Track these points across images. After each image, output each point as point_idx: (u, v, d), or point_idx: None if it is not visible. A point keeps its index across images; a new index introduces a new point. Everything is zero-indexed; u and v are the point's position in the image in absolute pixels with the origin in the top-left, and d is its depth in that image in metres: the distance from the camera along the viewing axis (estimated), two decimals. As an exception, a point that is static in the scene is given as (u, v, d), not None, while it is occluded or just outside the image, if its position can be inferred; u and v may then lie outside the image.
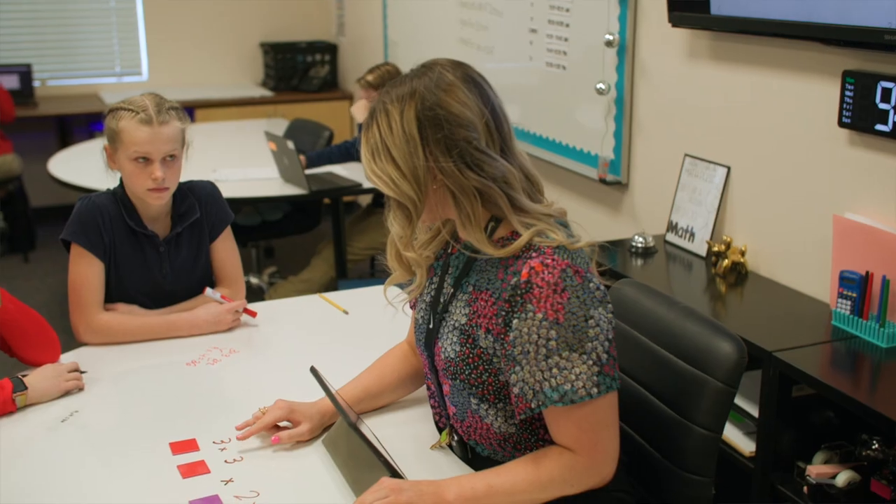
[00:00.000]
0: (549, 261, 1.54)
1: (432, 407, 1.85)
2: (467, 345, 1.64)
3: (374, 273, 4.88)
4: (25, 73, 6.10)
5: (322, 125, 4.93)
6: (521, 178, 1.64)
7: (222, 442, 1.84)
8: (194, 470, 1.74)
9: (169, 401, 2.03)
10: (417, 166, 1.55)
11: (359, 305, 2.57)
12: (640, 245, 2.99)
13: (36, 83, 6.21)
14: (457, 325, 1.66)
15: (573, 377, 1.51)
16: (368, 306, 2.58)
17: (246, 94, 6.32)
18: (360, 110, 4.18)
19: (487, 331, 1.60)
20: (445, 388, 1.71)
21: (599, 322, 1.53)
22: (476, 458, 1.75)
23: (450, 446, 1.80)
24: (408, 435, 1.86)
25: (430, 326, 1.74)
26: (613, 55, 3.30)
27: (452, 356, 1.66)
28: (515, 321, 1.54)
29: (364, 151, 1.61)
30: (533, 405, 1.53)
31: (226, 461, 1.77)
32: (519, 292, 1.54)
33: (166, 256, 2.37)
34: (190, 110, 5.68)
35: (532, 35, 3.85)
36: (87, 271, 2.29)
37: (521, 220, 1.61)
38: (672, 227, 3.06)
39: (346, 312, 2.51)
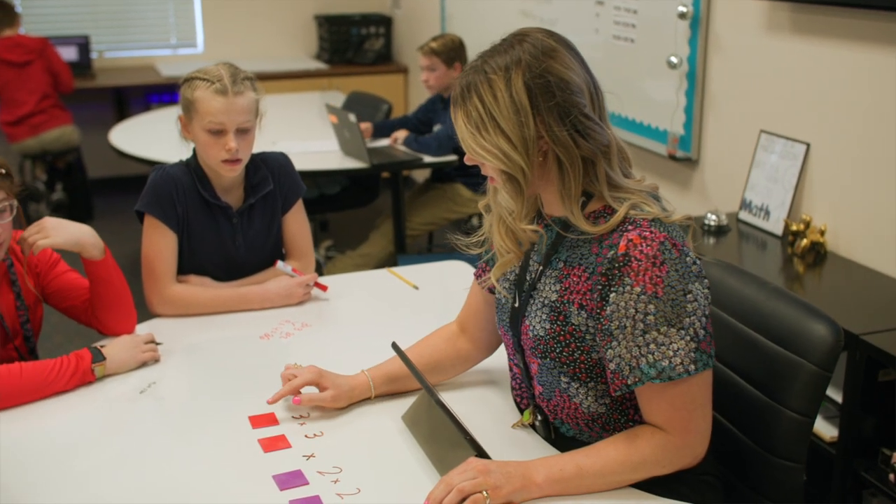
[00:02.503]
0: (646, 233, 1.49)
1: (513, 388, 1.82)
2: (558, 322, 1.60)
3: (431, 248, 4.84)
4: (83, 45, 6.13)
5: (380, 98, 4.89)
6: (617, 149, 1.60)
7: (301, 417, 1.82)
8: (275, 444, 1.72)
9: (245, 374, 2.01)
10: (528, 137, 1.51)
11: (428, 280, 2.53)
12: (713, 223, 2.91)
13: (93, 55, 6.23)
14: (546, 302, 1.62)
15: (671, 353, 1.47)
16: (438, 281, 2.55)
17: (300, 66, 6.30)
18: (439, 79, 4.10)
19: (581, 307, 1.56)
20: (533, 367, 1.67)
21: (697, 297, 1.49)
22: (560, 438, 1.71)
23: (532, 426, 1.76)
24: (486, 413, 1.82)
25: (516, 305, 1.69)
26: (686, 28, 3.21)
27: (542, 334, 1.62)
28: (613, 295, 1.49)
29: (464, 126, 1.56)
30: (629, 381, 1.49)
31: (306, 436, 1.75)
32: (616, 265, 1.49)
33: (239, 228, 2.36)
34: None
35: (598, 7, 3.77)
36: (160, 242, 2.28)
37: (613, 194, 1.57)
38: (746, 204, 2.98)
39: (417, 288, 2.48)
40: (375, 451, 1.71)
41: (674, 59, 3.24)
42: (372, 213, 5.08)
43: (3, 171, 1.94)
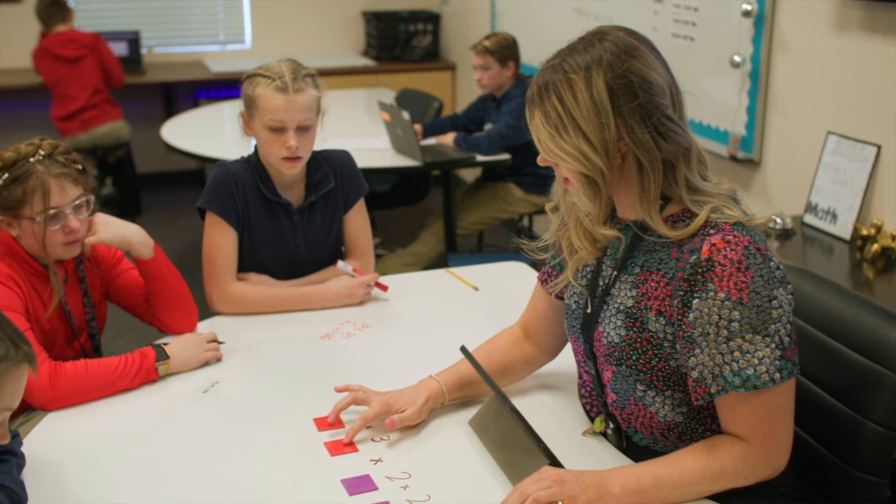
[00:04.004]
0: (730, 237, 1.45)
1: (583, 395, 1.77)
2: (634, 328, 1.55)
3: (481, 248, 4.81)
4: (133, 41, 6.17)
5: (431, 96, 4.86)
6: (696, 152, 1.55)
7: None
8: (342, 448, 1.70)
9: (308, 374, 1.99)
10: (608, 138, 1.47)
11: (487, 281, 2.50)
12: (777, 226, 2.85)
13: (143, 50, 6.27)
14: (622, 308, 1.58)
15: (756, 361, 1.42)
16: (497, 282, 2.51)
17: (347, 63, 6.28)
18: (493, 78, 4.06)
19: (659, 313, 1.52)
20: (607, 374, 1.63)
21: (782, 303, 1.44)
22: (632, 447, 1.67)
23: (603, 434, 1.72)
24: (553, 420, 1.78)
25: (589, 310, 1.65)
26: (750, 26, 3.14)
27: (617, 341, 1.58)
28: (696, 301, 1.45)
29: (542, 126, 1.52)
30: (712, 390, 1.45)
31: (373, 440, 1.72)
32: (700, 270, 1.45)
33: (300, 226, 2.34)
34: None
35: (657, 5, 3.70)
36: (221, 239, 2.26)
37: (692, 198, 1.52)
38: (811, 207, 2.91)
39: (476, 289, 2.45)
40: (444, 456, 1.67)
41: (737, 58, 3.17)
42: (420, 211, 5.05)
43: (80, 166, 1.95)
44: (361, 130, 4.49)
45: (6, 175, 1.89)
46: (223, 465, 1.65)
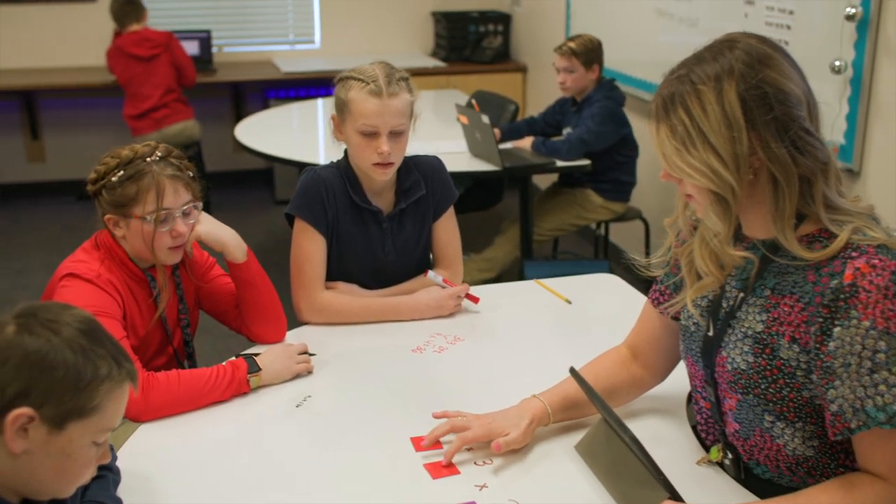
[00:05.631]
0: (875, 261, 1.34)
1: (699, 422, 1.67)
2: (763, 355, 1.45)
3: (556, 255, 4.71)
4: (205, 40, 6.17)
5: (507, 98, 4.77)
6: (835, 167, 1.45)
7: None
8: (443, 470, 1.62)
9: (401, 390, 1.92)
10: (740, 153, 1.37)
11: (580, 294, 2.40)
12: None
13: (213, 49, 6.27)
14: (749, 332, 1.48)
15: None
16: (591, 296, 2.42)
17: (417, 63, 6.21)
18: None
19: (792, 340, 1.41)
20: (730, 402, 1.53)
21: None
22: (752, 479, 1.56)
23: (720, 464, 1.61)
24: (664, 447, 1.68)
25: (710, 333, 1.55)
26: (853, 30, 3.00)
27: (744, 367, 1.48)
28: (837, 329, 1.34)
29: (668, 141, 1.43)
30: (853, 425, 1.34)
31: (475, 463, 1.64)
32: (842, 297, 1.34)
33: (389, 233, 2.27)
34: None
35: (748, 7, 3.57)
36: (310, 247, 2.20)
37: (830, 217, 1.42)
38: (917, 222, 2.76)
39: (569, 302, 2.35)
40: (552, 483, 1.59)
41: (838, 63, 3.04)
42: (493, 216, 4.96)
43: (191, 174, 1.93)
44: (433, 133, 4.41)
45: (121, 172, 1.87)
46: (319, 484, 1.60)
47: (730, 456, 1.59)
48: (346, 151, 2.27)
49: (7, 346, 1.17)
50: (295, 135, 5.00)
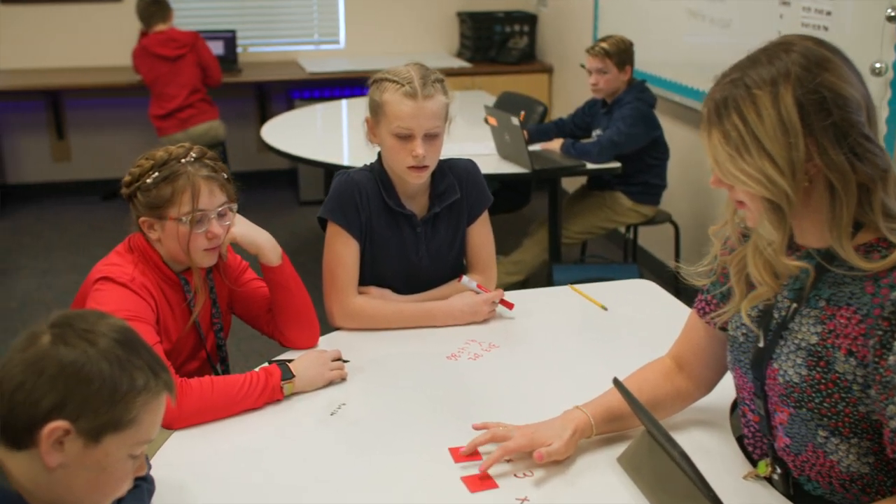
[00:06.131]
0: None
1: (745, 435, 1.62)
2: (817, 368, 1.40)
3: (584, 258, 4.65)
4: (230, 40, 6.16)
5: (535, 100, 4.72)
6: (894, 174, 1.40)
7: (506, 451, 1.67)
8: (481, 483, 1.58)
9: (437, 398, 1.88)
10: (796, 160, 1.32)
11: (616, 300, 2.35)
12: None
13: (238, 49, 6.26)
14: (803, 344, 1.43)
15: None
16: (627, 302, 2.37)
17: (442, 64, 6.18)
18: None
19: (849, 353, 1.36)
20: (781, 416, 1.48)
21: None
22: (802, 495, 1.52)
23: (768, 479, 1.57)
24: (708, 460, 1.62)
25: (761, 345, 1.50)
26: (894, 31, 2.94)
27: (797, 381, 1.43)
28: None
29: (721, 147, 1.38)
30: None
31: (515, 475, 1.60)
32: None
33: (423, 237, 2.23)
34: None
35: (783, 7, 3.51)
36: (343, 251, 2.17)
37: (890, 225, 1.37)
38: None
39: (605, 308, 2.31)
40: (595, 496, 1.55)
41: (878, 66, 2.97)
42: (519, 218, 4.91)
43: (225, 175, 1.90)
44: (460, 134, 4.32)
45: (156, 174, 1.85)
46: (354, 495, 1.56)
47: (779, 471, 1.54)
48: (379, 154, 2.23)
49: (42, 357, 1.14)
50: (319, 135, 4.97)
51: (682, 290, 2.52)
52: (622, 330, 2.21)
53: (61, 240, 5.42)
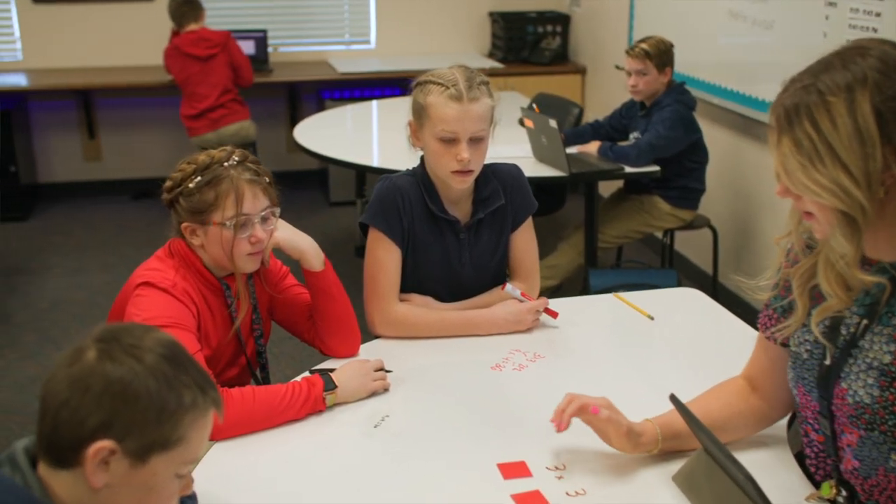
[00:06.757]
0: None
1: (808, 455, 1.56)
2: (891, 389, 1.34)
3: (620, 263, 4.58)
4: (261, 39, 6.13)
5: (570, 101, 4.65)
6: None
7: (556, 469, 1.62)
8: (532, 501, 1.53)
9: (483, 411, 1.83)
10: (872, 170, 1.26)
11: (661, 309, 2.28)
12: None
13: (269, 49, 6.23)
14: (875, 364, 1.36)
15: None
16: (673, 312, 2.30)
17: (474, 65, 6.08)
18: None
19: (925, 375, 1.30)
20: (849, 437, 1.41)
21: None
22: (869, 519, 1.45)
23: (832, 501, 1.50)
24: (768, 479, 1.53)
25: (828, 362, 1.44)
26: (947, 34, 2.86)
27: (868, 402, 1.36)
28: None
29: (792, 156, 1.32)
30: None
31: (567, 493, 1.55)
32: None
33: (466, 244, 2.18)
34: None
35: (829, 8, 3.43)
36: (384, 258, 2.12)
37: None
38: None
39: (652, 318, 2.24)
40: (651, 518, 1.49)
41: (931, 69, 2.89)
42: (553, 222, 4.85)
43: (268, 179, 1.86)
44: (494, 136, 4.30)
45: (199, 178, 1.81)
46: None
47: (843, 493, 1.47)
48: (422, 159, 2.18)
49: (88, 374, 1.10)
50: (350, 136, 4.93)
51: (720, 298, 2.45)
52: (670, 341, 2.15)
53: (92, 239, 5.41)
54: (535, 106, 3.96)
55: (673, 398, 1.57)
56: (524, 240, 2.25)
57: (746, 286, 1.57)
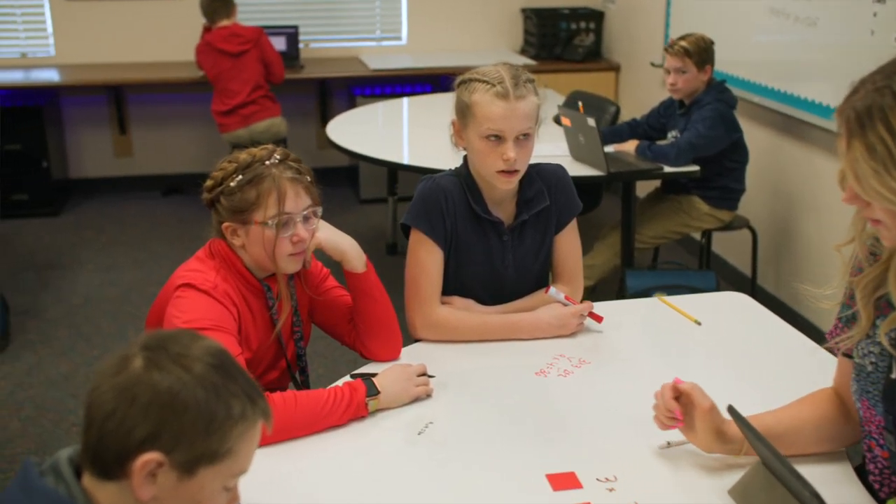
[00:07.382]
0: None
1: (871, 470, 1.50)
2: (963, 405, 1.28)
3: (656, 265, 4.51)
4: (292, 35, 6.11)
5: (607, 99, 4.58)
6: None
7: (607, 480, 1.57)
8: (585, 517, 1.48)
9: (530, 419, 1.78)
10: None
11: (708, 314, 2.22)
12: None
13: (300, 45, 6.20)
14: (947, 377, 1.30)
15: None
16: (721, 316, 2.24)
17: (506, 61, 6.07)
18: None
19: None
20: (918, 453, 1.35)
21: None
22: (937, 539, 1.39)
23: (898, 518, 1.44)
24: (829, 493, 1.46)
25: (894, 375, 1.38)
26: None
27: (939, 417, 1.30)
28: None
29: (864, 161, 1.26)
30: None
31: (620, 508, 1.49)
32: None
33: (509, 246, 2.13)
34: (447, 78, 5.46)
35: (877, 6, 3.34)
36: (427, 260, 2.07)
37: None
38: None
39: (699, 323, 2.18)
40: (711, 535, 1.44)
41: None
42: (588, 222, 4.77)
43: (309, 178, 1.83)
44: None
45: (240, 177, 1.78)
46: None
47: (911, 511, 1.41)
48: (465, 158, 2.13)
49: (136, 384, 1.06)
50: (381, 133, 4.89)
51: (759, 302, 2.38)
52: (719, 347, 2.09)
53: (123, 235, 5.40)
54: (580, 105, 3.89)
55: (731, 410, 1.51)
56: (568, 242, 2.20)
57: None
